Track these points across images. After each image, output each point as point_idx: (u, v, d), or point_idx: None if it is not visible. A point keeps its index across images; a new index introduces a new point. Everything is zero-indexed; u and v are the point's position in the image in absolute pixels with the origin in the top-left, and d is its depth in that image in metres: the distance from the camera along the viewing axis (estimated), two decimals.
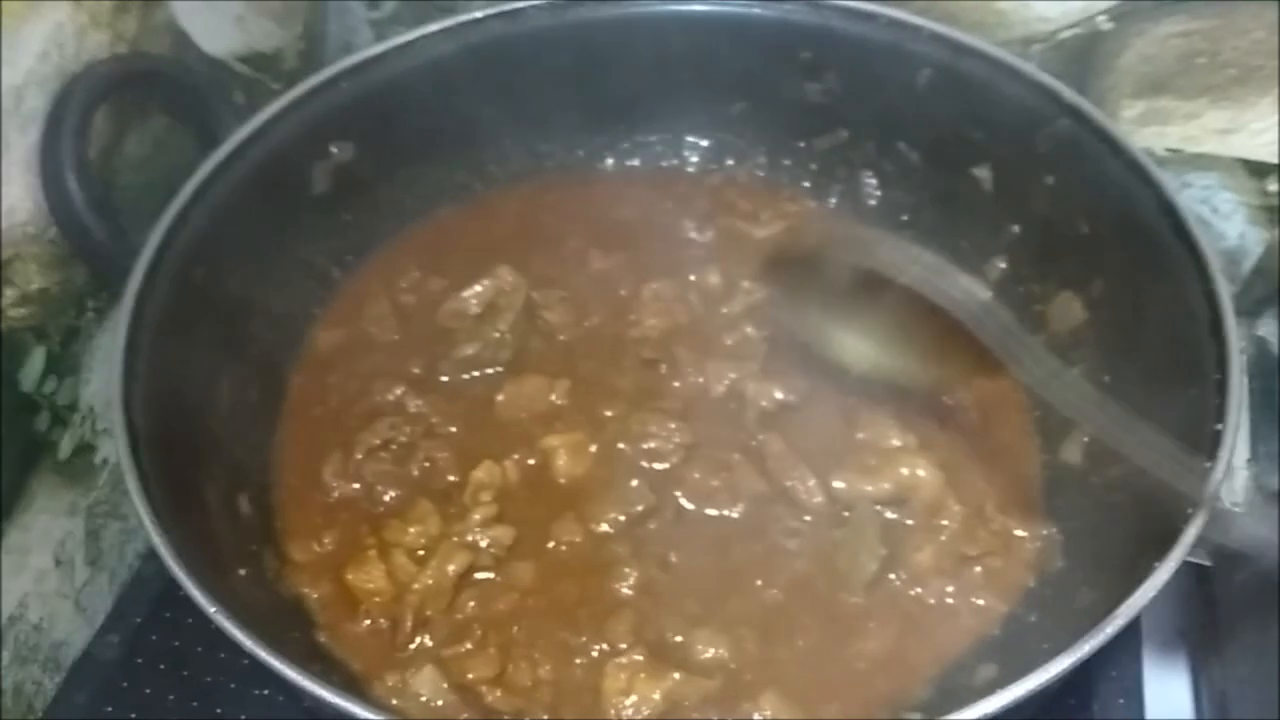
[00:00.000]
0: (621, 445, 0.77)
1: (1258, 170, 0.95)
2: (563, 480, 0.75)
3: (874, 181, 0.91)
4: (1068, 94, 0.77)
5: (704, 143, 0.96)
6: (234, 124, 0.80)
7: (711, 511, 0.74)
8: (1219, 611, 0.81)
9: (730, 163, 0.96)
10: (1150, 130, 0.98)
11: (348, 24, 1.08)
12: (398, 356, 0.82)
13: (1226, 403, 0.60)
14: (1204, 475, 0.57)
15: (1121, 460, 0.70)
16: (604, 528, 0.73)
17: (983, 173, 0.84)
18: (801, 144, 0.93)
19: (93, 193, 0.73)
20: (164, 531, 0.56)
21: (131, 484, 0.58)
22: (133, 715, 0.72)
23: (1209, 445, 0.59)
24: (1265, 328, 0.69)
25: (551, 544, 0.72)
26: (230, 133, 0.79)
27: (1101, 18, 0.97)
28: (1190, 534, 0.55)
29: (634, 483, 0.74)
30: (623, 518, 0.73)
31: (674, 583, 0.70)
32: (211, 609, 0.52)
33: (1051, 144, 0.78)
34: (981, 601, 0.70)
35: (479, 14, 0.86)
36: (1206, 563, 0.63)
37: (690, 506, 0.74)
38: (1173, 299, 0.69)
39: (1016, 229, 0.83)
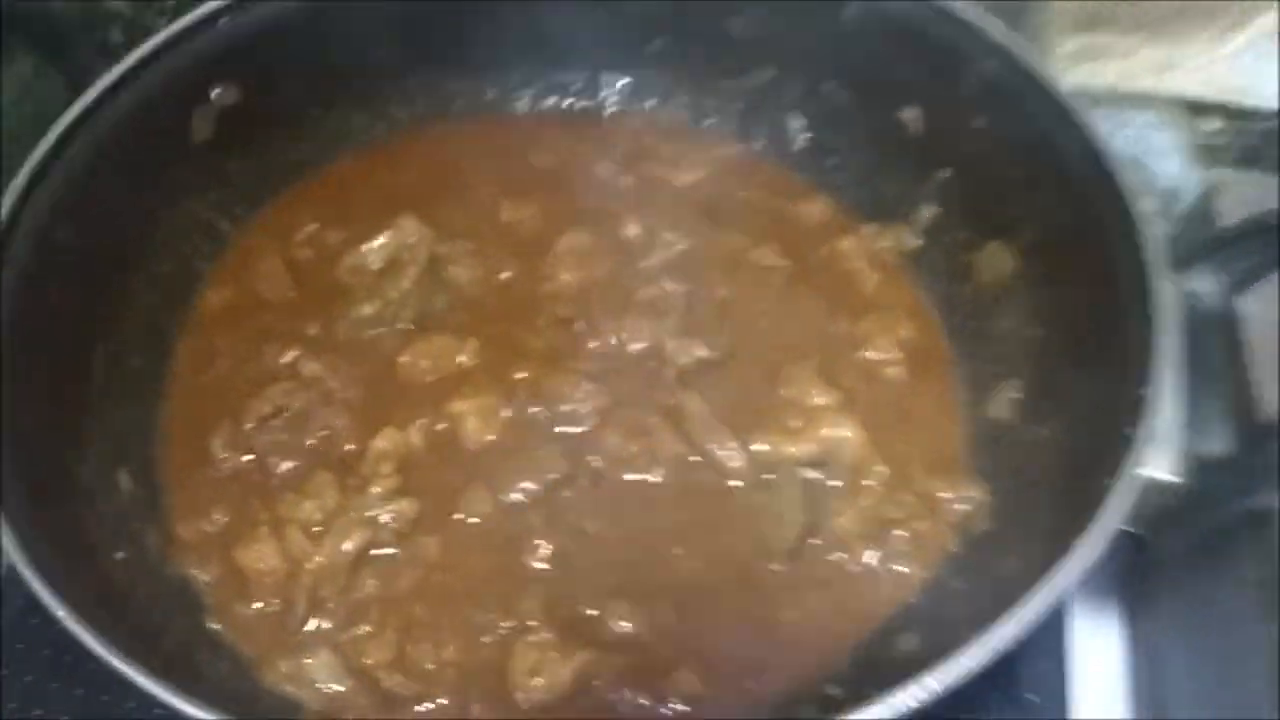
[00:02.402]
0: (534, 409, 0.73)
1: (1197, 109, 0.92)
2: (471, 447, 0.71)
3: (800, 124, 0.87)
4: (994, 32, 0.73)
5: (622, 81, 0.91)
6: (110, 66, 0.73)
7: (630, 477, 0.70)
8: (1150, 574, 0.80)
9: (651, 103, 0.91)
10: (1086, 67, 0.95)
11: None
12: (292, 316, 0.77)
13: (1150, 365, 0.57)
14: (1128, 442, 0.55)
15: (1050, 419, 0.69)
16: (515, 497, 0.69)
17: (912, 115, 0.80)
18: (725, 83, 0.88)
19: None
20: (15, 526, 0.51)
21: None
22: (13, 705, 0.68)
23: (1135, 410, 0.56)
24: (1198, 281, 0.66)
25: (459, 516, 0.68)
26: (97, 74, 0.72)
27: None
28: (1112, 508, 0.53)
29: (548, 449, 0.71)
30: (536, 486, 0.69)
31: (588, 554, 0.67)
32: (60, 612, 0.48)
33: (979, 85, 0.74)
34: (904, 568, 0.67)
35: None
36: (1136, 530, 0.60)
37: (607, 472, 0.70)
38: (1100, 251, 0.65)
39: (946, 174, 0.79)
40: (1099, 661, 0.77)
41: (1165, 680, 0.74)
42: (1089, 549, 0.53)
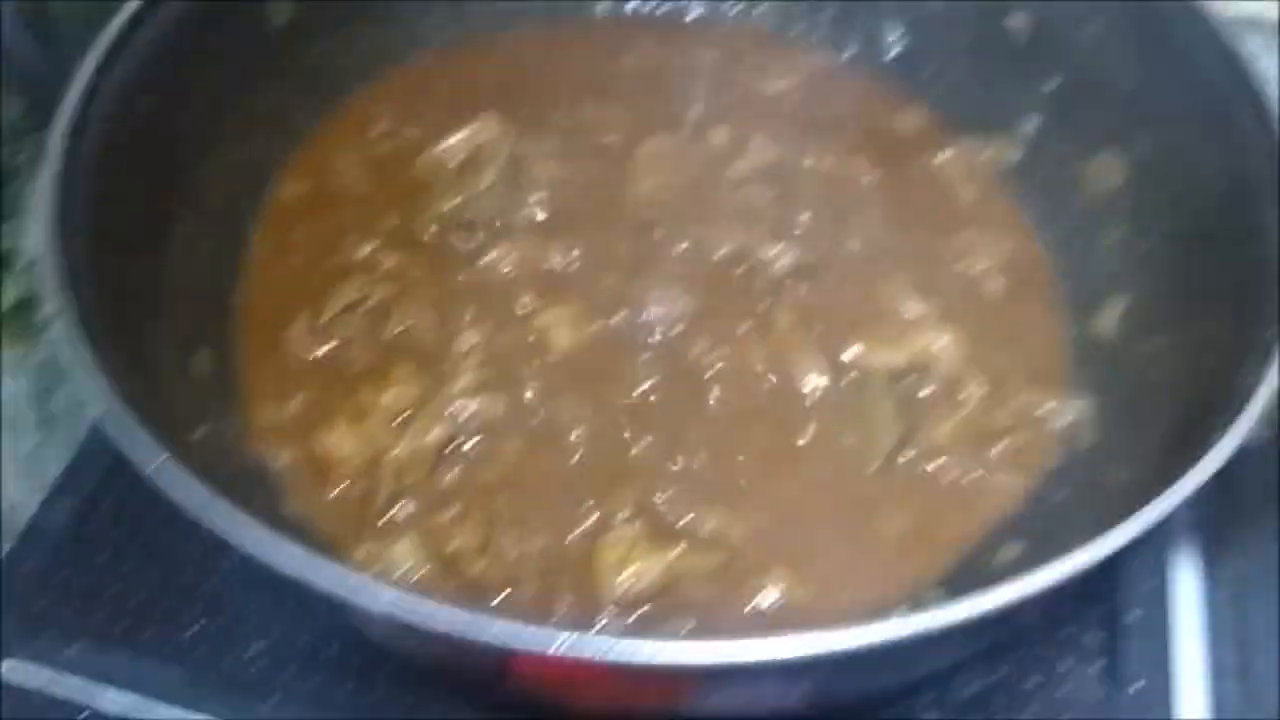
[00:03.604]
0: (621, 316, 0.70)
1: None
2: (558, 354, 0.68)
3: (896, 32, 0.83)
4: None
5: None
6: None
7: (719, 386, 0.67)
8: (1239, 501, 0.77)
9: (735, 9, 0.88)
10: None
11: None
12: (370, 211, 0.74)
13: None
14: (1259, 363, 0.52)
15: (1162, 333, 0.66)
16: (603, 404, 0.66)
17: (1018, 21, 0.76)
18: None
19: (25, 11, 0.64)
20: (106, 375, 0.49)
21: (66, 321, 0.51)
22: (88, 579, 0.66)
23: (1266, 335, 0.53)
24: None
25: (545, 420, 0.66)
26: None
27: None
28: (1251, 408, 0.50)
29: (637, 357, 0.68)
30: (625, 394, 0.67)
31: (680, 463, 0.64)
32: (156, 460, 0.46)
33: None
34: (1004, 480, 0.65)
35: None
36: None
37: (698, 381, 0.67)
38: (1230, 161, 0.62)
39: (1054, 82, 0.76)
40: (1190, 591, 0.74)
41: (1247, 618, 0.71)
42: (1223, 449, 0.50)
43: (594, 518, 0.61)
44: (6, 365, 0.71)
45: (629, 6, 0.88)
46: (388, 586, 0.43)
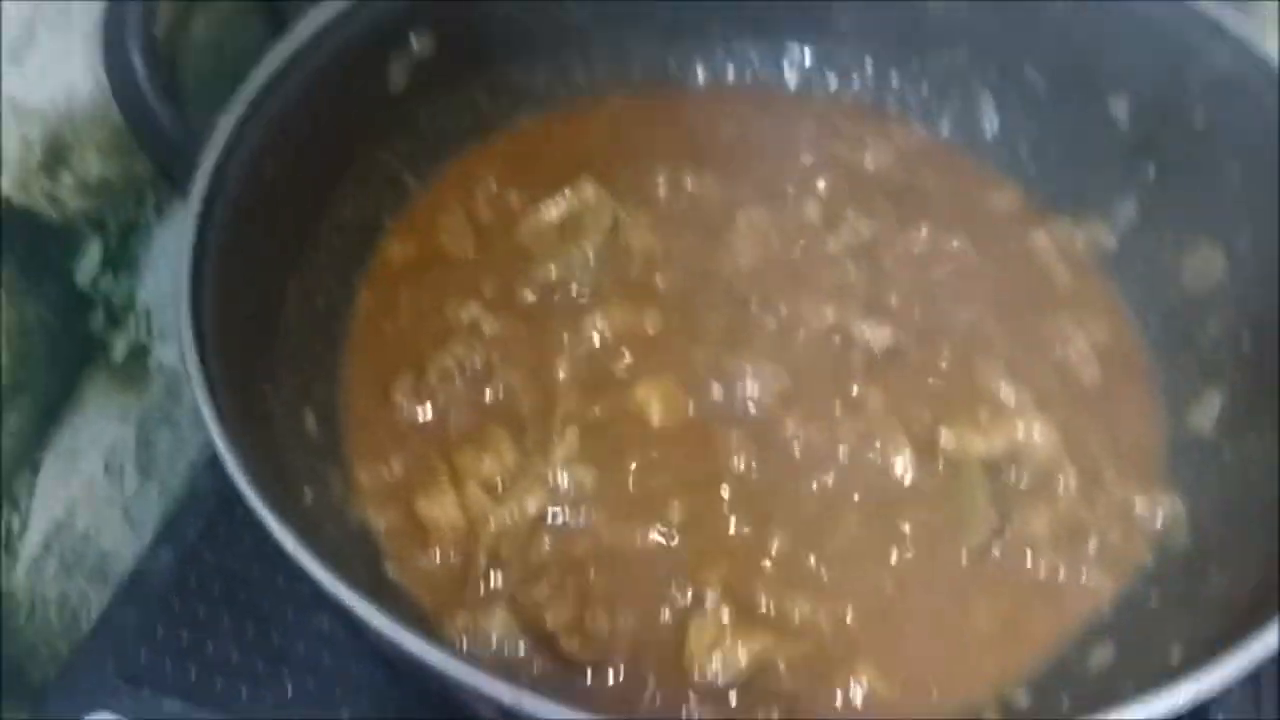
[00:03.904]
0: (715, 391, 0.71)
1: None
2: (653, 428, 0.69)
3: (993, 110, 0.84)
4: (1231, 23, 0.69)
5: (805, 54, 0.88)
6: (303, 3, 0.73)
7: (810, 466, 0.68)
8: None
9: (833, 79, 0.88)
10: None
11: None
12: (473, 274, 0.76)
13: None
14: None
15: (1261, 434, 0.65)
16: (696, 479, 0.67)
17: (1120, 106, 0.76)
18: (913, 61, 0.86)
19: (159, 74, 0.67)
20: (229, 437, 0.51)
21: (197, 383, 0.53)
22: (184, 635, 0.68)
23: None
24: None
25: (638, 490, 0.67)
26: (299, 12, 0.72)
27: None
28: None
29: (733, 433, 0.69)
30: (717, 469, 0.67)
31: (768, 542, 0.65)
32: (276, 524, 0.48)
33: (1206, 79, 0.70)
34: (1096, 577, 0.64)
35: None
36: None
37: (790, 460, 0.68)
38: None
39: (1151, 168, 0.76)
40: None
41: None
42: None
43: (684, 598, 0.62)
44: (116, 413, 0.74)
45: (727, 75, 0.89)
46: (505, 680, 0.44)
